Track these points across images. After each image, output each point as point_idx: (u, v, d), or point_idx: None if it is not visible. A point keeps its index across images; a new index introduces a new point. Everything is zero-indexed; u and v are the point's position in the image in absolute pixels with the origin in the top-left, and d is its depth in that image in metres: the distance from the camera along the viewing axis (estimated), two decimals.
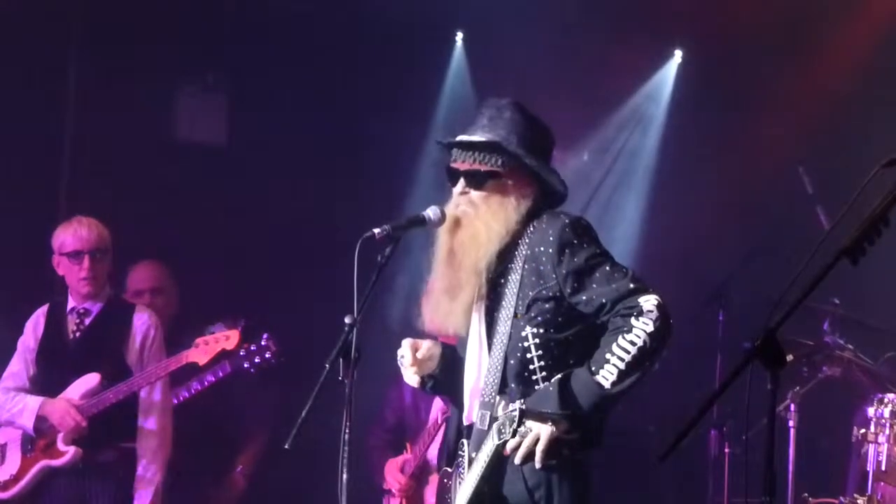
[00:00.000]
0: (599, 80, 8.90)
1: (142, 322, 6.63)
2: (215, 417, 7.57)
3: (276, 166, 8.79)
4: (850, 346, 6.94)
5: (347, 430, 4.33)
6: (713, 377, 7.78)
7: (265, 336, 6.86)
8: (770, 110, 8.68)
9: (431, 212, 4.63)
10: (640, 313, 4.35)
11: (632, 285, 4.40)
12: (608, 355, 4.34)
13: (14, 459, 6.58)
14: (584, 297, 4.43)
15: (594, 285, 4.42)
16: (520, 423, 4.33)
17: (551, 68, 8.67)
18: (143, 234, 8.00)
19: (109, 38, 8.53)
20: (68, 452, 6.43)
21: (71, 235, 6.56)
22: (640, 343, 4.33)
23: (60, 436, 6.45)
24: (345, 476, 4.34)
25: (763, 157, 8.65)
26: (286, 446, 4.31)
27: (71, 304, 6.65)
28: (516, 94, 4.75)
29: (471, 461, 4.52)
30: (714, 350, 7.90)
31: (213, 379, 7.02)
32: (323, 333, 4.79)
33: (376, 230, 4.51)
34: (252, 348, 6.84)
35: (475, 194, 4.61)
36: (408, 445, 7.49)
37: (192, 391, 7.08)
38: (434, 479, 6.91)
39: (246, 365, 6.85)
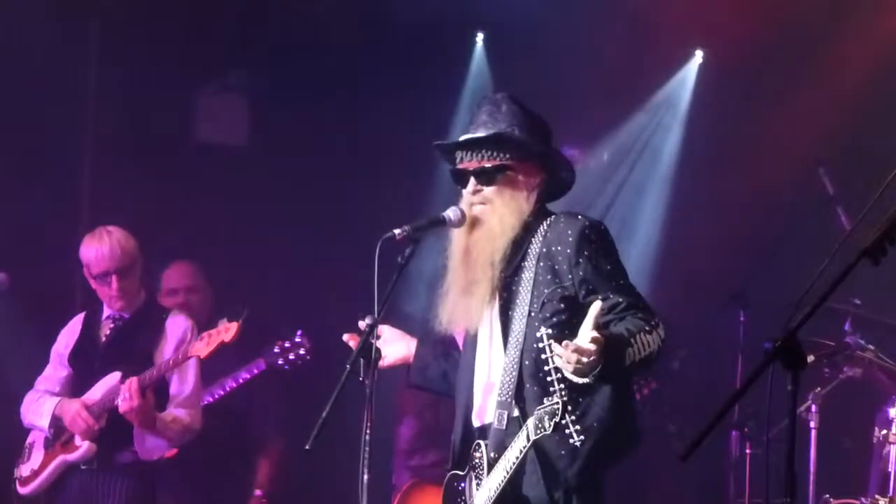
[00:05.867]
0: (619, 81, 8.87)
1: (176, 326, 6.54)
2: (240, 419, 7.46)
3: (297, 166, 8.79)
4: (872, 347, 6.91)
5: (368, 431, 4.34)
6: (734, 378, 7.76)
7: (299, 333, 6.82)
8: (791, 111, 8.65)
9: (452, 212, 4.63)
10: (657, 326, 4.39)
11: (642, 303, 4.46)
12: (638, 336, 4.34)
13: (37, 457, 6.61)
14: (599, 298, 4.41)
15: (609, 290, 4.44)
16: (562, 417, 4.26)
17: (571, 69, 8.65)
18: (165, 234, 8.01)
19: (130, 38, 8.55)
20: (82, 447, 6.42)
21: (94, 256, 6.48)
22: (654, 348, 4.37)
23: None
24: (366, 476, 4.34)
25: (784, 157, 8.61)
26: (307, 447, 4.31)
27: (106, 312, 6.62)
28: (536, 95, 4.75)
29: (490, 462, 4.49)
30: (735, 351, 7.88)
31: (248, 376, 6.98)
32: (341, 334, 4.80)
33: (396, 231, 4.53)
34: (286, 345, 6.80)
35: (488, 190, 4.61)
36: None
37: (227, 388, 7.05)
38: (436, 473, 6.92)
39: (280, 362, 6.82)
